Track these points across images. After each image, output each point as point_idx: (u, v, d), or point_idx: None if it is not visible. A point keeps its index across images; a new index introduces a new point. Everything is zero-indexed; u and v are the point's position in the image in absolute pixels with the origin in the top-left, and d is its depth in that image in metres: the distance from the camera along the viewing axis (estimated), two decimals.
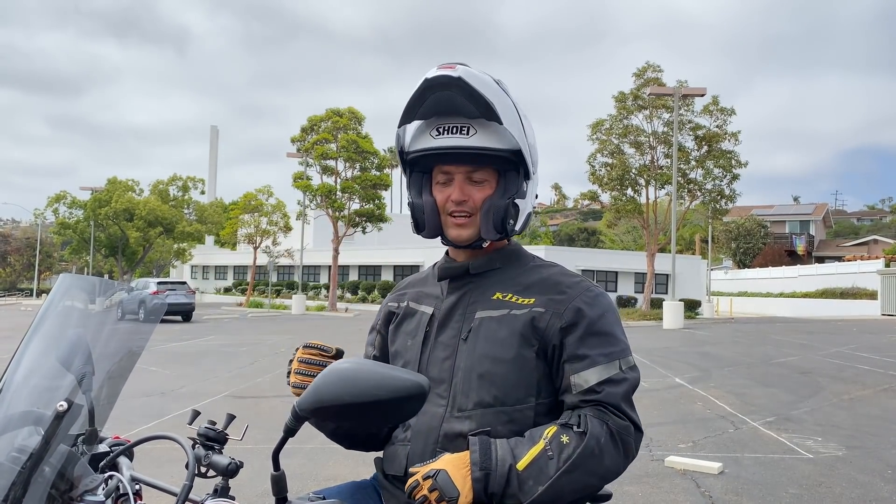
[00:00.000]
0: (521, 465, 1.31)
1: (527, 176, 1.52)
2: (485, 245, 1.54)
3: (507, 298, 1.50)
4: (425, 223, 1.54)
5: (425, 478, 1.29)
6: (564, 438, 1.34)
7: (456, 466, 1.30)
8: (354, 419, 1.17)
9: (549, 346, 1.45)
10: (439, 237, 1.57)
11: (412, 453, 1.49)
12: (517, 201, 1.50)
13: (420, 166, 1.55)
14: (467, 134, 1.45)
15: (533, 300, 1.49)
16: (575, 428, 1.35)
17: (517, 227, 1.52)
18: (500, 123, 1.44)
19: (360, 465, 5.53)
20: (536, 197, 1.59)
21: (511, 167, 1.50)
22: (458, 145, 1.46)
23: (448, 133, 1.46)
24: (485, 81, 1.44)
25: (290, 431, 1.19)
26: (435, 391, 1.50)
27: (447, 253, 1.65)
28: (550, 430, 1.36)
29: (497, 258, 1.57)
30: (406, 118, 1.49)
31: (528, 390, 1.45)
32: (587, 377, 1.41)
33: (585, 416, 1.38)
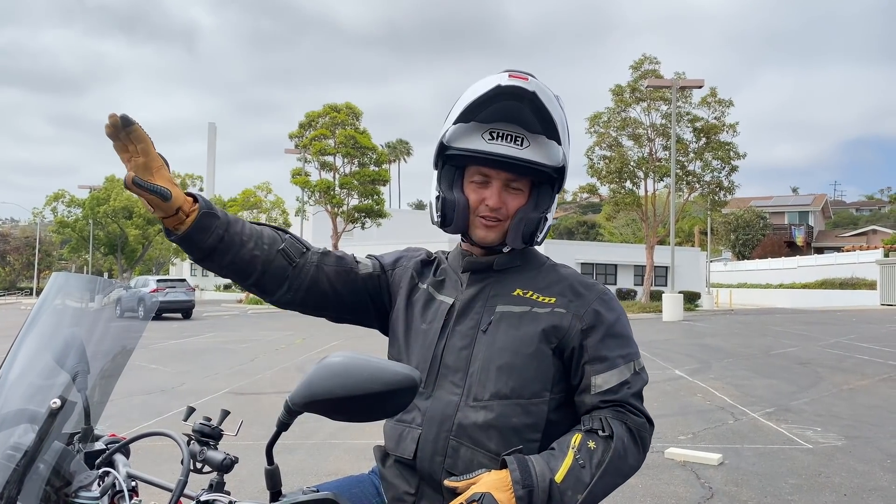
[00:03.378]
0: (558, 477, 1.33)
1: (559, 190, 1.57)
2: (505, 250, 1.58)
3: (528, 295, 1.54)
4: (454, 220, 1.54)
5: (469, 501, 1.29)
6: (591, 444, 1.38)
7: (499, 488, 1.30)
8: (347, 412, 1.18)
9: (569, 347, 1.49)
10: (460, 234, 1.60)
11: (424, 439, 1.49)
12: (547, 215, 1.55)
13: (456, 161, 1.55)
14: (521, 145, 1.47)
15: (554, 300, 1.52)
16: (600, 433, 1.40)
17: (539, 239, 1.56)
18: (559, 144, 1.49)
19: (362, 460, 5.55)
20: (556, 208, 1.63)
21: (547, 181, 1.54)
22: (511, 155, 1.47)
23: (502, 140, 1.47)
24: (551, 98, 1.47)
25: (283, 426, 1.20)
26: (450, 379, 1.51)
27: (460, 245, 1.66)
28: (576, 439, 1.39)
29: (517, 256, 1.60)
30: (466, 117, 1.49)
31: (544, 384, 1.48)
32: (608, 379, 1.46)
33: (606, 419, 1.42)
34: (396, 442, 1.54)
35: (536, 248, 1.65)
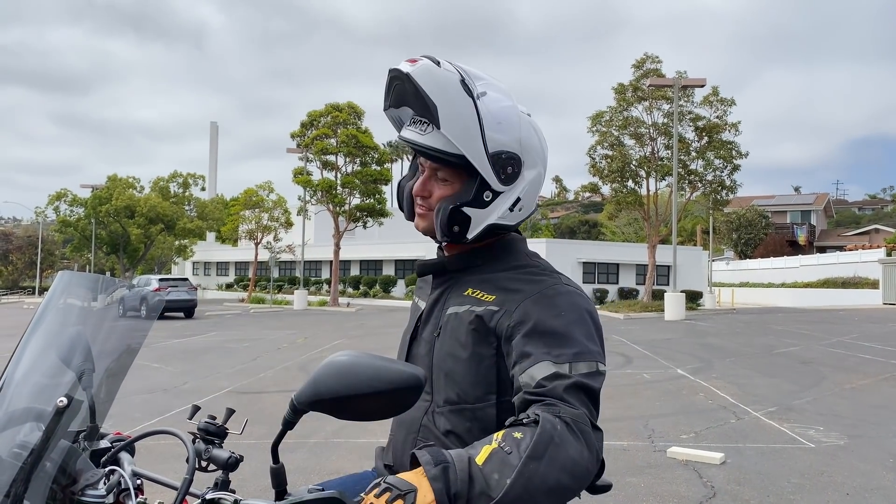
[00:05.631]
0: (479, 458, 1.13)
1: (486, 186, 1.43)
2: (444, 243, 1.55)
3: (474, 295, 1.47)
4: (402, 205, 1.58)
5: (374, 492, 1.08)
6: (517, 434, 1.17)
7: (406, 473, 1.13)
8: (352, 411, 1.18)
9: (501, 346, 1.40)
10: None
11: (395, 444, 1.52)
12: (466, 209, 1.43)
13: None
14: (423, 131, 1.43)
15: (493, 297, 1.43)
16: (524, 420, 1.21)
17: (469, 236, 1.45)
18: (438, 128, 1.38)
19: (364, 459, 5.55)
20: (517, 209, 1.47)
21: (471, 173, 1.43)
22: (411, 140, 1.45)
23: (412, 125, 1.46)
24: (440, 81, 1.37)
25: (289, 424, 1.20)
26: None
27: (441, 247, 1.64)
28: (499, 433, 1.20)
29: (479, 255, 1.53)
30: (384, 105, 1.52)
31: (488, 388, 1.41)
32: (532, 373, 1.29)
33: (532, 411, 1.23)
34: (386, 451, 1.59)
35: (521, 243, 1.57)
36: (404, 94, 1.43)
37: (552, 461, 1.14)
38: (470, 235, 1.46)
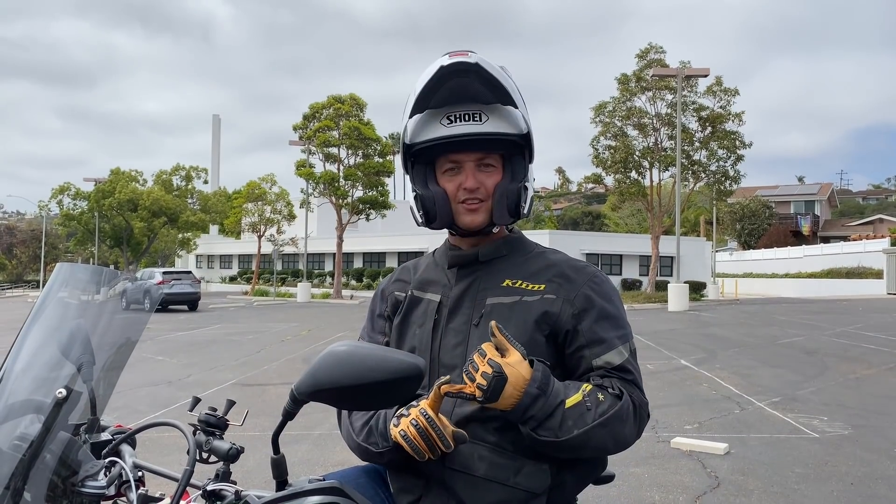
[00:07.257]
0: (568, 403, 1.34)
1: (531, 159, 1.54)
2: (495, 230, 1.56)
3: (517, 285, 1.52)
4: (437, 214, 1.52)
5: (490, 363, 1.29)
6: (600, 396, 1.38)
7: (519, 374, 1.30)
8: (352, 401, 1.18)
9: (562, 332, 1.47)
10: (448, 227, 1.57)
11: None
12: (526, 185, 1.52)
13: (423, 158, 1.54)
14: (480, 120, 1.46)
15: (543, 286, 1.51)
16: (609, 390, 1.40)
17: (526, 210, 1.54)
18: (516, 107, 1.46)
19: None
20: (534, 179, 1.60)
21: (518, 151, 1.52)
22: (473, 132, 1.46)
23: (461, 120, 1.46)
24: (495, 68, 1.45)
25: (289, 415, 1.20)
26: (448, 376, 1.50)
27: (448, 241, 1.64)
28: (587, 386, 1.39)
29: (503, 245, 1.58)
30: (420, 107, 1.48)
31: None
32: (609, 359, 1.45)
33: (615, 384, 1.43)
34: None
35: (525, 235, 1.65)
36: (465, 87, 1.44)
37: (612, 432, 1.37)
38: (527, 210, 1.55)
